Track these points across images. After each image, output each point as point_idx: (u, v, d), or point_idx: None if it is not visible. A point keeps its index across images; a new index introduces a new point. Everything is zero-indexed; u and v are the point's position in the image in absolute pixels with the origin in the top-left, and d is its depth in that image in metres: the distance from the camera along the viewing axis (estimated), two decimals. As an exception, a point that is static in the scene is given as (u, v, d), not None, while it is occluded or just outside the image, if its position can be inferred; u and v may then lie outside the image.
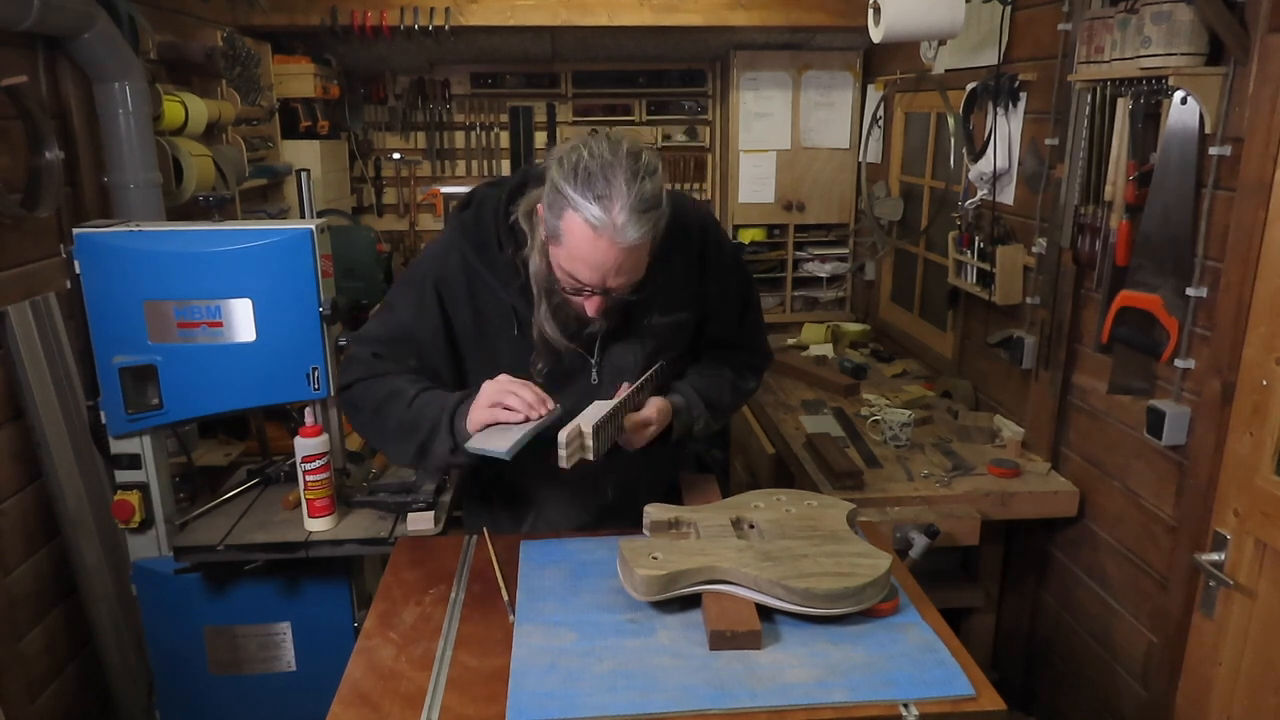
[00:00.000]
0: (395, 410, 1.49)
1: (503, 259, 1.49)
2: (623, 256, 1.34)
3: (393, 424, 1.50)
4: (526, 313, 1.49)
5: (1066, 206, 2.26)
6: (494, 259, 1.49)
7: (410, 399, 1.48)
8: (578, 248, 1.33)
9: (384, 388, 1.52)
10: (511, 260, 1.48)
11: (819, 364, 3.38)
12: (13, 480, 1.95)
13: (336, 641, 1.86)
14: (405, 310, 1.55)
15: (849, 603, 1.25)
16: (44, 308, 2.02)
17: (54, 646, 2.06)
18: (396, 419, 1.49)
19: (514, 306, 1.50)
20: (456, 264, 1.51)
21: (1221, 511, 1.84)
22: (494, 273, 1.49)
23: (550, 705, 1.11)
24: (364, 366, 1.55)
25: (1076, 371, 2.38)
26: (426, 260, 1.57)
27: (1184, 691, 1.97)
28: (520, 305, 1.50)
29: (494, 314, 1.52)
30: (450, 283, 1.52)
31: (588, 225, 1.31)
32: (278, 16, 3.31)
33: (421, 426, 1.46)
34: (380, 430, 1.54)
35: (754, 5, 3.44)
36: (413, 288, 1.55)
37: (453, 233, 1.54)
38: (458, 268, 1.51)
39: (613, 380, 1.54)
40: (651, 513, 1.44)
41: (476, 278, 1.51)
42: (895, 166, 3.71)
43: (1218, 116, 1.81)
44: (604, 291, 1.39)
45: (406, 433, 1.48)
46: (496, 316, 1.52)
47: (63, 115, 2.14)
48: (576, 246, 1.33)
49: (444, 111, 4.13)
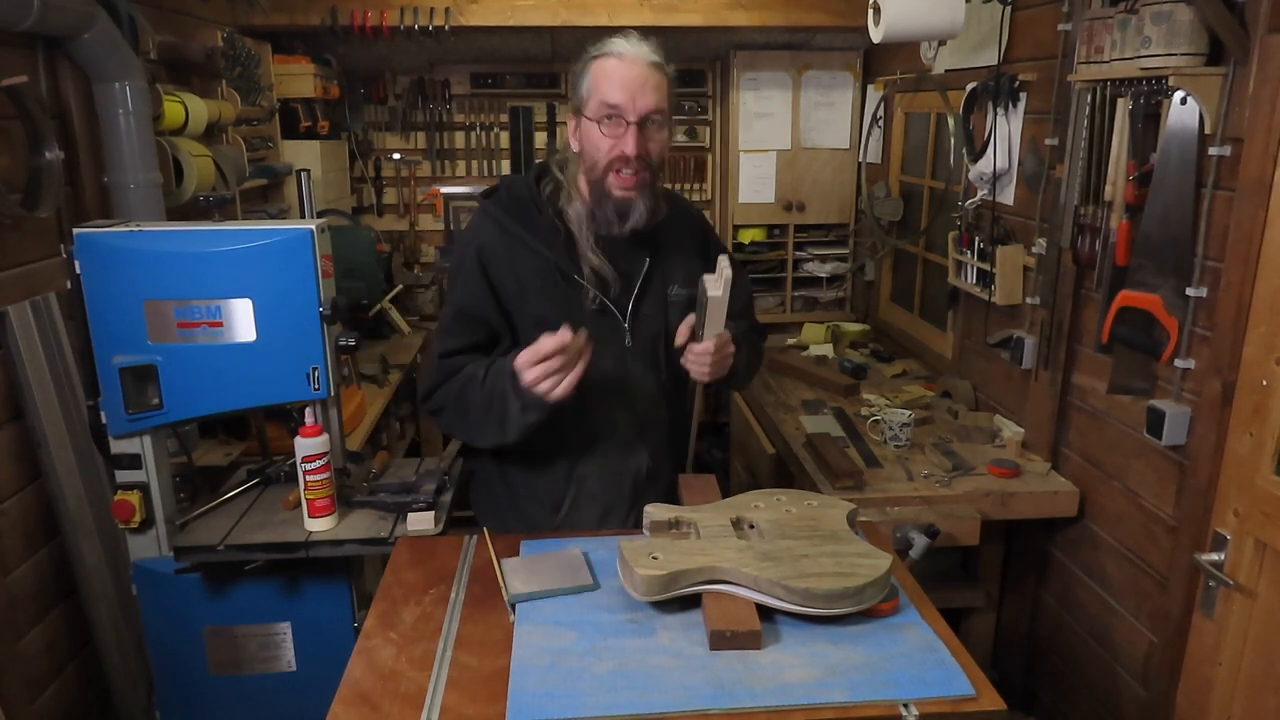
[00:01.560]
0: (472, 397, 1.60)
1: (542, 220, 1.66)
2: (646, 73, 1.57)
3: (475, 411, 1.60)
4: (569, 267, 1.64)
5: (1066, 206, 2.26)
6: (533, 221, 1.65)
7: (481, 380, 1.59)
8: (607, 75, 1.56)
9: (458, 383, 1.63)
10: (551, 220, 1.65)
11: (819, 364, 3.38)
12: (13, 480, 1.95)
13: (336, 641, 1.86)
14: (458, 293, 1.67)
15: (849, 603, 1.25)
16: (44, 308, 2.02)
17: (54, 646, 2.06)
18: (475, 404, 1.60)
19: (556, 262, 1.64)
20: (494, 233, 1.65)
21: (1221, 511, 1.84)
22: (535, 235, 1.64)
23: (550, 705, 1.11)
24: (438, 372, 1.66)
25: (1076, 371, 2.38)
26: (463, 241, 1.70)
27: (1184, 691, 1.97)
28: (563, 261, 1.64)
29: (535, 274, 1.65)
30: (490, 250, 1.65)
31: (610, 57, 1.58)
32: (278, 16, 3.31)
33: (495, 397, 1.56)
34: (465, 421, 1.64)
35: (754, 5, 3.45)
36: (458, 271, 1.68)
37: (484, 211, 1.69)
38: (495, 237, 1.65)
39: (643, 343, 1.71)
40: (651, 513, 1.44)
41: (516, 241, 1.65)
42: (895, 166, 3.71)
43: (1218, 116, 1.81)
44: (637, 118, 1.55)
45: (483, 411, 1.58)
46: (538, 277, 1.65)
47: (63, 115, 2.14)
48: (606, 75, 1.57)
49: (444, 111, 4.13)
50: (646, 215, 1.63)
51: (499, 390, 1.55)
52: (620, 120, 1.56)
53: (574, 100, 1.64)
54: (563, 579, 1.37)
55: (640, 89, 1.56)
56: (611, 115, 1.56)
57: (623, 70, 1.57)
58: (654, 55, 1.59)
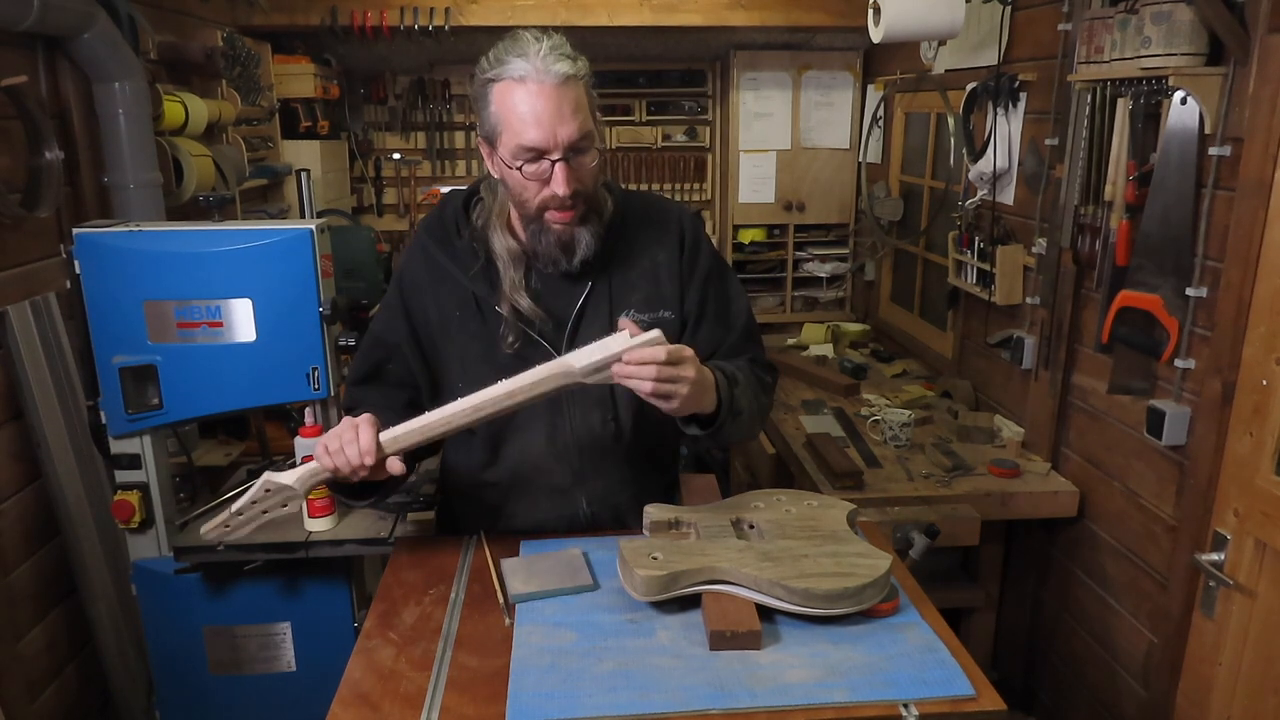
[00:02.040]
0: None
1: (461, 244, 1.48)
2: (559, 96, 1.30)
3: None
4: (489, 298, 1.46)
5: (1066, 206, 2.26)
6: (452, 246, 1.49)
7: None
8: (514, 110, 1.31)
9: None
10: (469, 243, 1.47)
11: (819, 364, 3.38)
12: (13, 480, 1.95)
13: (336, 641, 1.86)
14: (378, 321, 1.56)
15: (849, 603, 1.25)
16: (44, 308, 2.02)
17: (54, 646, 2.06)
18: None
19: (474, 293, 1.47)
20: (419, 261, 1.52)
21: (1221, 511, 1.84)
22: (454, 260, 1.48)
23: (550, 705, 1.11)
24: (346, 398, 1.58)
25: (1076, 371, 2.38)
26: (397, 270, 1.57)
27: (1184, 691, 1.97)
28: (481, 289, 1.46)
29: (455, 305, 1.49)
30: (414, 279, 1.51)
31: (513, 82, 1.30)
32: (278, 16, 3.31)
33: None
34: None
35: (754, 5, 3.44)
36: (387, 298, 1.56)
37: (419, 238, 1.54)
38: (420, 264, 1.52)
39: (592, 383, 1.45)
40: (651, 513, 1.43)
41: (437, 270, 1.49)
42: (895, 166, 3.71)
43: (1218, 116, 1.81)
44: (562, 154, 1.32)
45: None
46: (458, 308, 1.48)
47: (63, 115, 2.14)
48: (513, 109, 1.31)
49: (444, 111, 4.13)
50: (595, 243, 1.42)
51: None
52: (543, 160, 1.33)
53: (480, 128, 1.39)
54: (563, 579, 1.37)
55: (557, 118, 1.30)
56: (531, 158, 1.33)
57: (531, 101, 1.30)
58: (561, 64, 1.30)
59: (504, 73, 1.31)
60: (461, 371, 1.49)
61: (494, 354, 1.46)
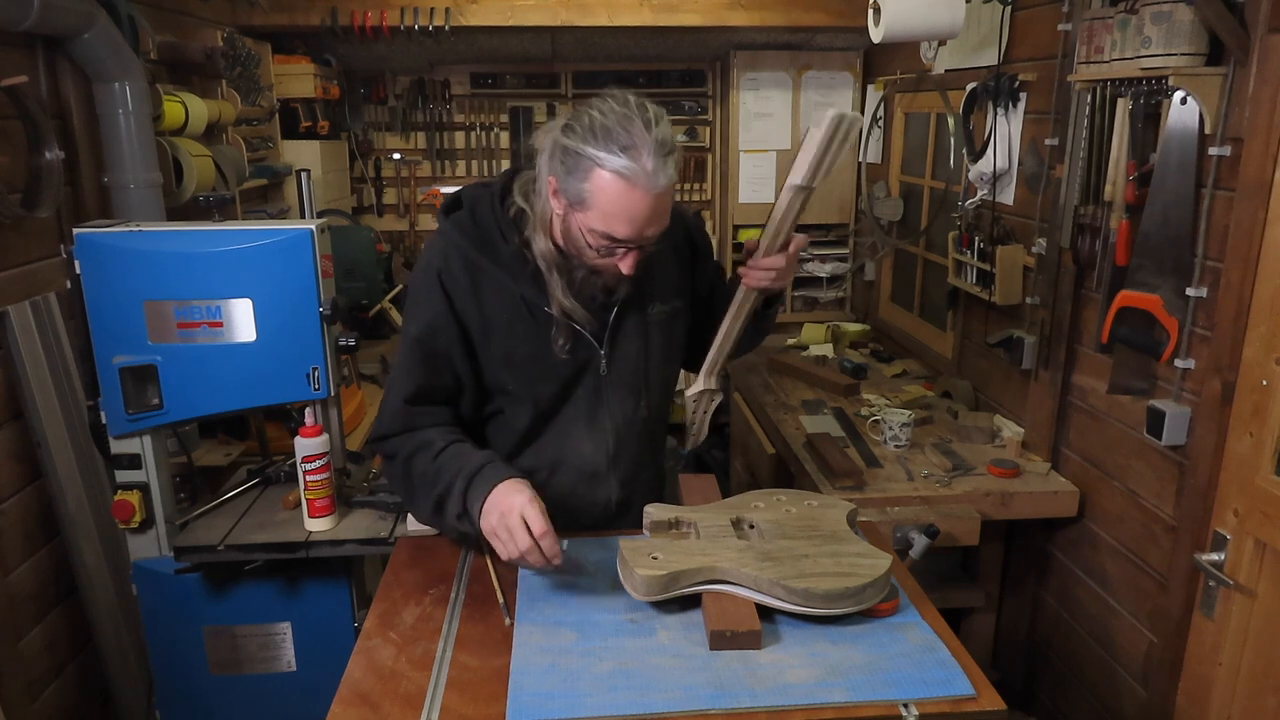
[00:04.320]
0: (419, 465, 1.45)
1: (508, 250, 1.48)
2: (656, 203, 1.33)
3: (417, 474, 1.45)
4: (539, 299, 1.48)
5: (1066, 206, 2.26)
6: (498, 252, 1.48)
7: (438, 451, 1.44)
8: (611, 204, 1.32)
9: (414, 442, 1.47)
10: (518, 250, 1.48)
11: (819, 364, 3.38)
12: (13, 480, 1.95)
13: (336, 641, 1.86)
14: (417, 322, 1.50)
15: (849, 603, 1.25)
16: (44, 308, 2.02)
17: (54, 646, 2.06)
18: (420, 469, 1.45)
19: (523, 296, 1.48)
20: (458, 264, 1.48)
21: (1221, 511, 1.84)
22: (501, 266, 1.48)
23: (550, 705, 1.11)
24: (399, 419, 1.49)
25: (1076, 371, 2.38)
26: (424, 269, 1.51)
27: (1184, 691, 1.97)
28: (530, 293, 1.48)
29: (502, 309, 1.49)
30: (456, 282, 1.48)
31: (619, 179, 1.30)
32: (278, 16, 3.31)
33: (441, 480, 1.41)
34: (407, 480, 1.49)
35: (754, 5, 3.45)
36: (419, 299, 1.50)
37: (448, 235, 1.51)
38: (460, 268, 1.48)
39: (621, 370, 1.56)
40: (651, 513, 1.44)
41: (481, 275, 1.48)
42: (895, 166, 3.71)
43: (1218, 117, 1.81)
44: (639, 244, 1.38)
45: (425, 487, 1.44)
46: (505, 311, 1.49)
47: (63, 115, 2.14)
48: (610, 203, 1.32)
49: (444, 111, 4.13)
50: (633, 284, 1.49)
51: (448, 477, 1.40)
52: (621, 246, 1.39)
53: (561, 184, 1.36)
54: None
55: (649, 221, 1.35)
56: (612, 244, 1.38)
57: (633, 205, 1.32)
58: (668, 170, 1.32)
59: (611, 164, 1.30)
60: (510, 375, 1.51)
61: (543, 355, 1.49)
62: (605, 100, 1.34)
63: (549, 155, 1.38)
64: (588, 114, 1.33)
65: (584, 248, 1.40)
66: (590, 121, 1.32)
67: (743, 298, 1.55)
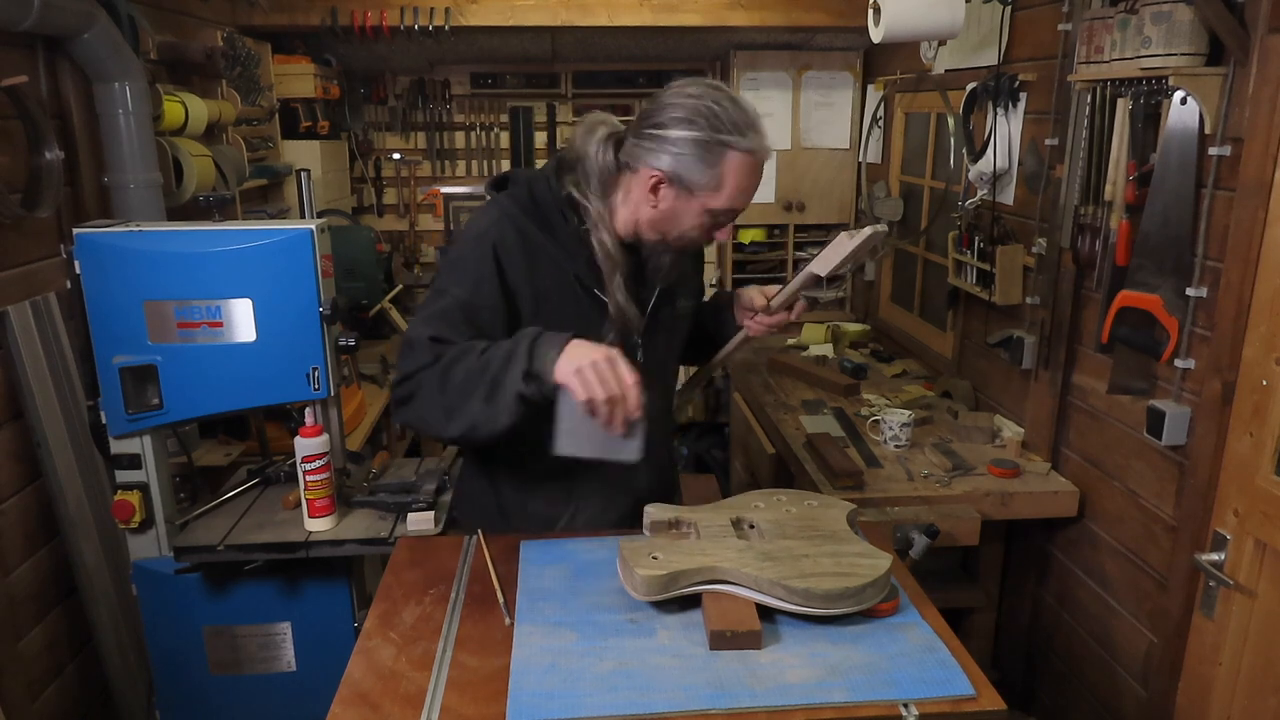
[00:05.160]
0: (465, 364, 1.40)
1: (568, 230, 1.52)
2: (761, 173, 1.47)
3: (461, 380, 1.39)
4: (590, 282, 1.53)
5: (1066, 206, 2.26)
6: (557, 231, 1.52)
7: (481, 350, 1.40)
8: (741, 181, 1.44)
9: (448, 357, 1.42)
10: (577, 230, 1.52)
11: (819, 364, 3.38)
12: (13, 480, 1.95)
13: (336, 641, 1.86)
14: (461, 287, 1.47)
15: (849, 603, 1.25)
16: (44, 308, 2.02)
17: (54, 646, 2.06)
18: (467, 372, 1.39)
19: (577, 275, 1.52)
20: (513, 237, 1.49)
21: (1221, 511, 1.84)
22: (559, 245, 1.52)
23: (550, 705, 1.11)
24: (427, 352, 1.43)
25: (1076, 371, 2.38)
26: (474, 234, 1.51)
27: (1184, 691, 1.97)
28: (585, 275, 1.53)
29: (554, 286, 1.52)
30: (509, 252, 1.48)
31: (749, 157, 1.42)
32: (278, 16, 3.31)
33: (492, 364, 1.37)
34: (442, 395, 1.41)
35: (754, 5, 3.45)
36: (467, 264, 1.49)
37: (503, 208, 1.51)
38: (515, 240, 1.49)
39: (654, 361, 1.63)
40: (651, 513, 1.44)
41: (537, 251, 1.50)
42: (895, 166, 3.71)
43: (1218, 117, 1.81)
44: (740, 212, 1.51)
45: (474, 377, 1.38)
46: (556, 289, 1.52)
47: (63, 115, 2.14)
48: (741, 181, 1.44)
49: (444, 111, 4.13)
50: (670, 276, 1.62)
51: (505, 352, 1.36)
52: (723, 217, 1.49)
53: (684, 172, 1.43)
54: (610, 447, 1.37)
55: (754, 191, 1.48)
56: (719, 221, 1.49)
57: (752, 176, 1.45)
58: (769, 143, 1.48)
59: (742, 145, 1.41)
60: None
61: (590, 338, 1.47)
62: (697, 86, 1.44)
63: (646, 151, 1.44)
64: (705, 104, 1.40)
65: (688, 229, 1.49)
66: (717, 112, 1.40)
67: (740, 342, 1.74)
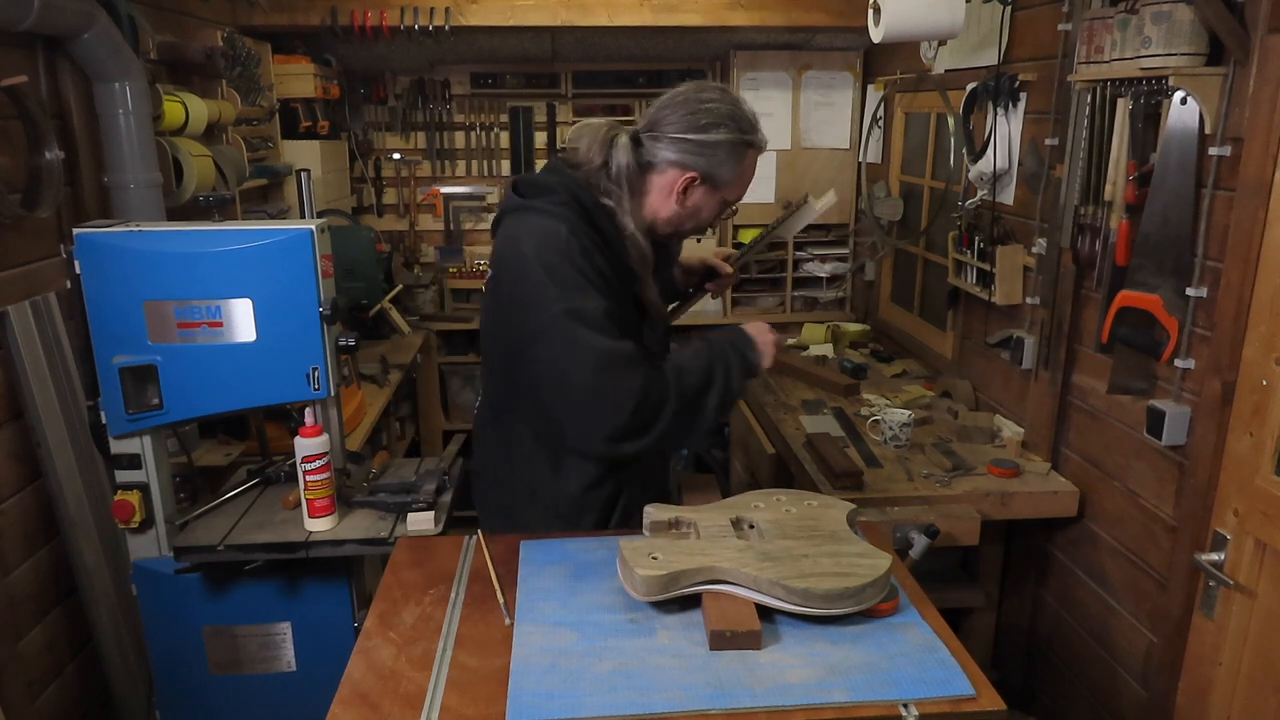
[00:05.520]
0: (690, 380, 1.54)
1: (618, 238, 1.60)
2: None
3: (700, 391, 1.55)
4: (629, 281, 1.61)
5: (1066, 206, 2.26)
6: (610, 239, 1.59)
7: (693, 370, 1.56)
8: (752, 173, 1.62)
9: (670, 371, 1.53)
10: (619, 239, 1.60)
11: (819, 364, 3.38)
12: (13, 480, 1.95)
13: (336, 641, 1.86)
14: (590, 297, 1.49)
15: (849, 603, 1.25)
16: (44, 308, 2.02)
17: (54, 646, 2.06)
18: (699, 384, 1.55)
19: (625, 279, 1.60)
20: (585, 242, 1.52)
21: (1221, 511, 1.84)
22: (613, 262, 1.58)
23: (550, 705, 1.11)
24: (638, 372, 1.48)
25: (1076, 371, 2.38)
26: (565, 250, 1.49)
27: (1184, 691, 1.97)
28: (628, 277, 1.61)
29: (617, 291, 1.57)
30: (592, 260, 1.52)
31: (757, 151, 1.61)
32: (278, 16, 3.31)
33: (716, 378, 1.56)
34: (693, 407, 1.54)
35: (754, 5, 3.45)
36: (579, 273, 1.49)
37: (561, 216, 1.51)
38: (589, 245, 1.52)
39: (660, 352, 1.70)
40: (651, 513, 1.44)
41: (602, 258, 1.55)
42: (895, 166, 3.71)
43: (1218, 117, 1.81)
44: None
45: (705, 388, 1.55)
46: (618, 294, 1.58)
47: (63, 115, 2.14)
48: (752, 173, 1.62)
49: (444, 111, 4.13)
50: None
51: (723, 364, 1.57)
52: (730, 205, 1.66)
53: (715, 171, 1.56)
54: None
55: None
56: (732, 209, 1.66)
57: (754, 168, 1.63)
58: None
59: (758, 140, 1.59)
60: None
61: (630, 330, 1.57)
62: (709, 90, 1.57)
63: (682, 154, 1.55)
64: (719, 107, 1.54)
65: (705, 220, 1.64)
66: (734, 114, 1.56)
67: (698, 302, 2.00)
